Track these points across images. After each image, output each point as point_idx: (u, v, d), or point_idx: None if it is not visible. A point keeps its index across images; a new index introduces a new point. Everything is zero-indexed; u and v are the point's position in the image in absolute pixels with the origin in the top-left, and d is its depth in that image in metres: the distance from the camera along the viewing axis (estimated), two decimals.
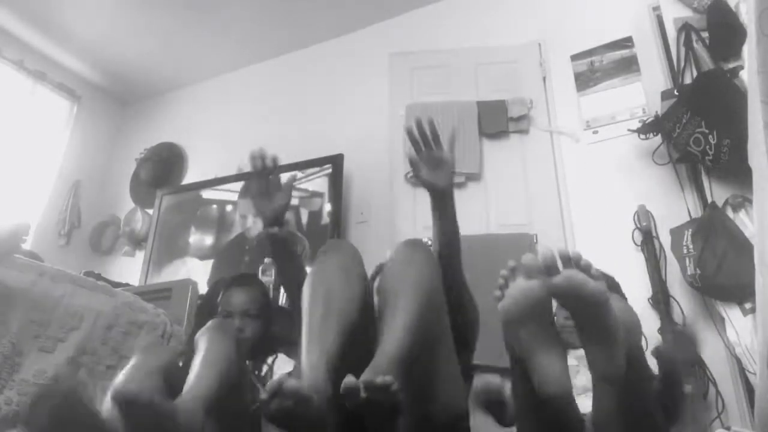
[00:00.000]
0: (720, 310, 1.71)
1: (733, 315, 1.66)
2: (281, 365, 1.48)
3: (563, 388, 0.85)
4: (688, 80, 1.98)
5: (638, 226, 1.98)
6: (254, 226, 2.77)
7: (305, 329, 1.03)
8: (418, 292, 1.03)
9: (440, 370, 1.12)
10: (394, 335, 0.98)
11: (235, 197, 2.90)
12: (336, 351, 0.98)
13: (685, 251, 1.75)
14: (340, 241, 1.33)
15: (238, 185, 2.89)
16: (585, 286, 0.82)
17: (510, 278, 0.93)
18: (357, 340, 1.08)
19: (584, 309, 0.85)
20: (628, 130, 2.06)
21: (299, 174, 1.43)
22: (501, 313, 0.92)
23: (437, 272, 1.13)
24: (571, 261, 0.85)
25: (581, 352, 1.34)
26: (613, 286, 1.40)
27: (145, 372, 1.02)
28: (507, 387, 1.16)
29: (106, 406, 1.01)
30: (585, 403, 1.17)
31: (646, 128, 1.96)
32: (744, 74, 1.75)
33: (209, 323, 1.29)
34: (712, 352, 1.74)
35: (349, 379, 0.86)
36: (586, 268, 0.85)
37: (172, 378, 1.12)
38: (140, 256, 3.07)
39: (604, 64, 2.32)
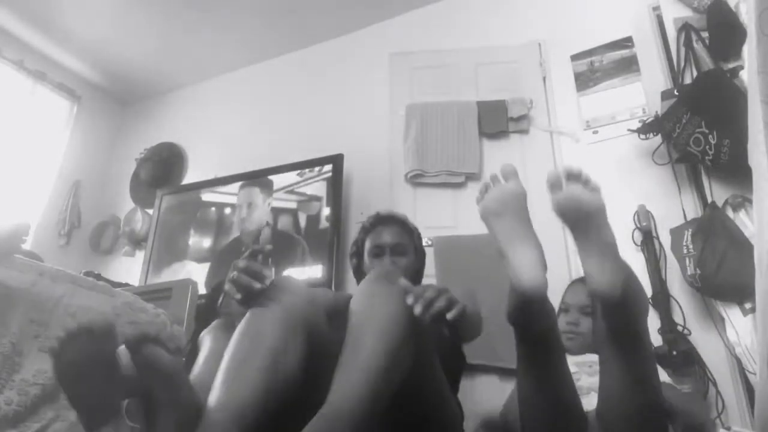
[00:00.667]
0: (720, 310, 1.71)
1: (733, 315, 1.66)
2: None
3: (537, 279, 0.87)
4: (688, 80, 1.98)
5: (638, 226, 1.98)
6: (248, 217, 2.77)
7: (220, 370, 0.85)
8: (385, 329, 0.88)
9: (431, 404, 1.02)
10: (349, 377, 0.81)
11: (234, 200, 2.90)
12: (256, 402, 0.78)
13: (685, 251, 1.75)
14: (289, 280, 1.08)
15: (238, 186, 2.89)
16: (582, 197, 0.91)
17: (490, 185, 1.00)
18: (303, 408, 0.85)
19: (582, 221, 0.91)
20: (628, 130, 2.06)
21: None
22: (480, 210, 0.97)
23: (400, 303, 0.96)
24: (573, 175, 0.93)
25: (582, 358, 1.35)
26: None
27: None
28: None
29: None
30: (589, 402, 1.16)
31: (646, 128, 1.96)
32: (744, 74, 1.75)
33: (214, 322, 1.26)
34: (712, 352, 1.74)
35: None
36: (585, 181, 0.93)
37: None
38: (140, 256, 3.07)
39: (604, 64, 2.32)
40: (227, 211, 2.90)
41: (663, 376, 1.38)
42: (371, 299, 0.95)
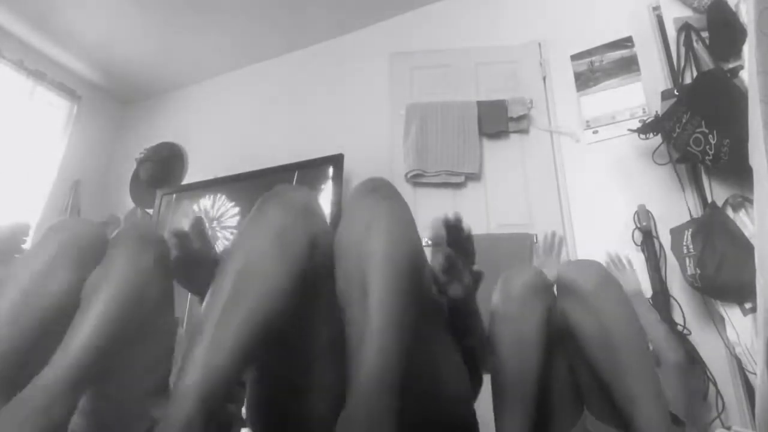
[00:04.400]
0: (720, 310, 1.70)
1: (733, 315, 1.66)
2: None
3: None
4: (688, 80, 1.98)
5: (638, 226, 1.98)
6: None
7: (198, 324, 0.72)
8: (392, 269, 0.74)
9: (436, 353, 0.93)
10: (368, 349, 0.68)
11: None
12: (232, 368, 0.68)
13: (685, 251, 1.75)
14: (286, 188, 0.86)
15: (238, 186, 2.89)
16: None
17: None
18: (295, 347, 0.80)
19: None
20: (628, 130, 2.06)
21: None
22: None
23: (411, 224, 0.85)
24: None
25: None
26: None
27: None
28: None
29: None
30: None
31: (646, 128, 1.96)
32: (744, 74, 1.75)
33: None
34: (712, 352, 1.74)
35: None
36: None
37: None
38: None
39: (604, 64, 2.32)
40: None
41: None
42: (368, 229, 0.78)
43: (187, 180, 3.30)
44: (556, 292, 1.05)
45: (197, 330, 0.71)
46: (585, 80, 2.34)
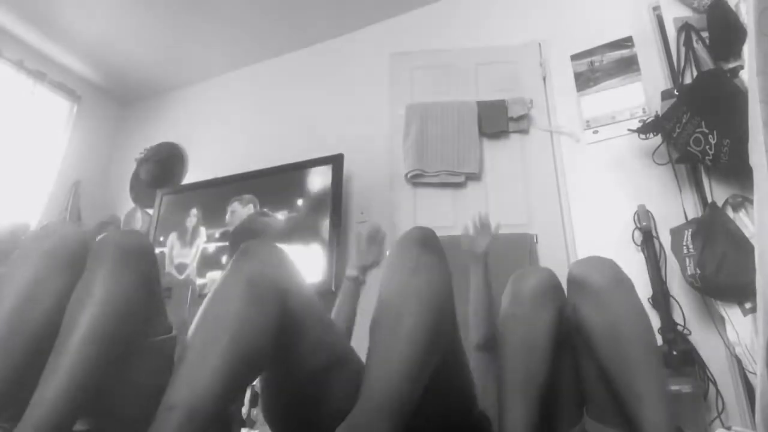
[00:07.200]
0: (720, 310, 1.71)
1: (733, 315, 1.66)
2: None
3: None
4: (688, 80, 1.98)
5: (638, 226, 1.98)
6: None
7: (176, 368, 0.78)
8: (427, 310, 0.85)
9: (455, 388, 0.99)
10: (386, 369, 0.78)
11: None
12: (217, 391, 0.74)
13: (685, 251, 1.75)
14: (257, 245, 0.93)
15: (238, 186, 2.89)
16: None
17: None
18: (288, 372, 0.89)
19: None
20: (628, 130, 2.06)
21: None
22: None
23: (448, 276, 0.95)
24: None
25: None
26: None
27: None
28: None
29: None
30: None
31: (646, 128, 1.96)
32: (744, 74, 1.75)
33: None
34: (712, 352, 1.74)
35: None
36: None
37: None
38: None
39: (604, 64, 2.32)
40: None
41: None
42: (410, 274, 0.89)
43: (187, 180, 3.31)
44: (566, 289, 1.05)
45: (182, 355, 0.77)
46: (585, 80, 2.34)
